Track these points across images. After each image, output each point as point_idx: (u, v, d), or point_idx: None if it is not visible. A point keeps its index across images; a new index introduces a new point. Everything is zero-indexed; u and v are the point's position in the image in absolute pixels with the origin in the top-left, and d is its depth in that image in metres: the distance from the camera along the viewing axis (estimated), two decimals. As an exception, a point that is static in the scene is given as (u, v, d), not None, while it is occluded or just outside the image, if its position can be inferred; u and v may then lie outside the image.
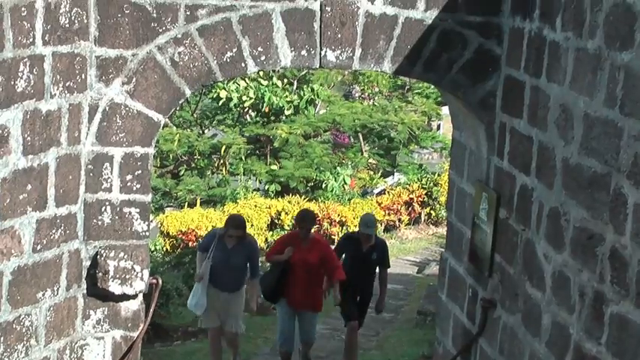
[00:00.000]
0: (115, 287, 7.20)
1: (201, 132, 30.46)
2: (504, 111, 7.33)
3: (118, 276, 7.19)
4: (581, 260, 5.79)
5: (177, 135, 27.08)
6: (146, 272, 7.28)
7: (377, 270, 11.29)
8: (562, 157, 6.14)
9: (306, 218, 10.69)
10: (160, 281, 7.58)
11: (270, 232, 21.12)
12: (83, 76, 6.91)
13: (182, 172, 27.71)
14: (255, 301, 10.49)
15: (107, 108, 7.10)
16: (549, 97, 6.41)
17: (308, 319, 10.67)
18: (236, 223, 10.25)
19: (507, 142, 7.23)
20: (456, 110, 8.22)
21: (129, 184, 7.24)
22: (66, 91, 6.73)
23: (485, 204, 7.55)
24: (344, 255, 11.16)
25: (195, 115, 31.07)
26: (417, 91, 35.77)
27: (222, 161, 27.41)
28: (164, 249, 19.48)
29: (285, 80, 28.36)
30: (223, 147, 27.08)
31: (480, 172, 7.77)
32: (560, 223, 6.12)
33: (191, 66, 7.14)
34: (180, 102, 7.43)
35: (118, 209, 7.25)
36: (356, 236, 11.27)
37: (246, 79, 26.86)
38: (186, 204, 24.99)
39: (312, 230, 10.94)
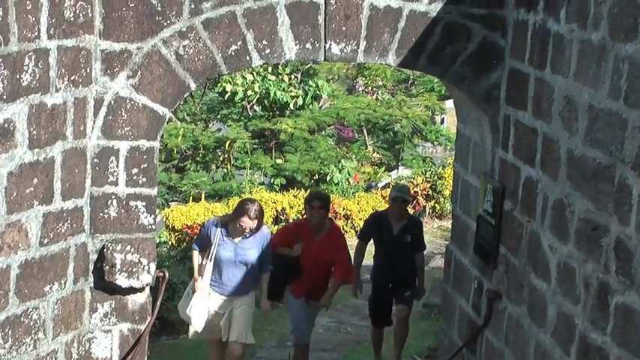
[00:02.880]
0: (121, 280, 7.22)
1: (205, 126, 30.48)
2: (509, 103, 7.34)
3: (124, 269, 7.22)
4: (586, 251, 5.81)
5: (182, 129, 27.09)
6: (153, 265, 7.31)
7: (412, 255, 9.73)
8: (567, 148, 6.15)
9: (317, 200, 9.04)
10: (167, 274, 7.60)
11: (275, 226, 21.11)
12: (88, 70, 6.93)
13: (187, 166, 27.74)
14: (267, 299, 8.65)
15: (112, 102, 7.12)
16: (554, 88, 6.42)
17: (310, 309, 9.29)
18: (252, 211, 8.21)
19: (512, 134, 7.24)
20: (461, 103, 8.23)
21: (135, 177, 7.26)
22: (71, 85, 6.75)
23: (490, 196, 7.56)
24: (372, 241, 9.76)
25: (199, 109, 31.11)
26: (421, 87, 35.77)
27: (227, 155, 27.43)
28: (169, 243, 19.49)
29: (293, 76, 28.38)
30: (228, 141, 27.11)
31: (485, 164, 7.78)
32: (565, 215, 6.13)
33: (196, 59, 7.16)
34: (185, 95, 7.46)
35: (125, 203, 7.27)
36: (384, 215, 9.74)
37: (254, 73, 26.87)
38: (191, 198, 25.02)
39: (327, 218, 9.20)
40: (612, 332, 5.47)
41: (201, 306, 8.39)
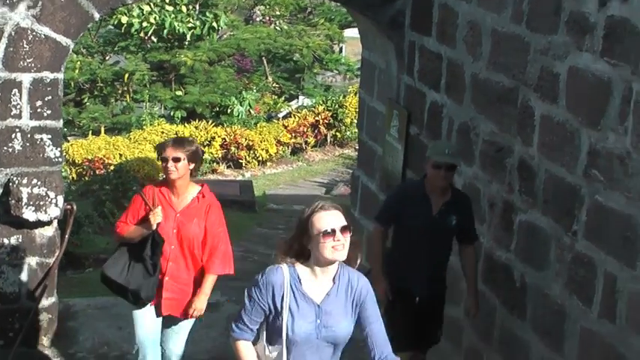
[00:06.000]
0: (29, 214, 7.12)
1: (102, 59, 29.87)
2: (413, 29, 7.42)
3: (31, 203, 7.11)
4: (491, 172, 5.99)
5: (78, 62, 26.51)
6: (60, 198, 7.22)
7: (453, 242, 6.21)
8: (471, 72, 6.29)
9: (165, 146, 5.86)
10: (75, 207, 7.52)
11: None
12: (-14, 0, 6.74)
13: (85, 100, 27.22)
14: None
15: (13, 33, 6.94)
16: (458, 14, 6.53)
17: (177, 326, 6.03)
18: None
19: (417, 60, 7.35)
20: (366, 30, 8.29)
21: (39, 110, 7.13)
22: (-31, 16, 6.56)
23: (396, 121, 7.69)
24: (395, 224, 6.22)
25: (95, 42, 30.43)
26: (320, 16, 35.66)
27: (125, 88, 27.02)
28: (70, 177, 19.21)
29: (191, 7, 27.98)
30: (126, 74, 26.68)
31: (391, 91, 7.89)
32: (470, 137, 6.30)
33: (98, -12, 7.02)
34: (88, 26, 7.31)
35: (29, 136, 7.14)
36: (421, 189, 6.05)
37: (151, 4, 26.39)
38: (91, 132, 24.63)
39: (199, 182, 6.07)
40: (516, 249, 5.69)
41: None
